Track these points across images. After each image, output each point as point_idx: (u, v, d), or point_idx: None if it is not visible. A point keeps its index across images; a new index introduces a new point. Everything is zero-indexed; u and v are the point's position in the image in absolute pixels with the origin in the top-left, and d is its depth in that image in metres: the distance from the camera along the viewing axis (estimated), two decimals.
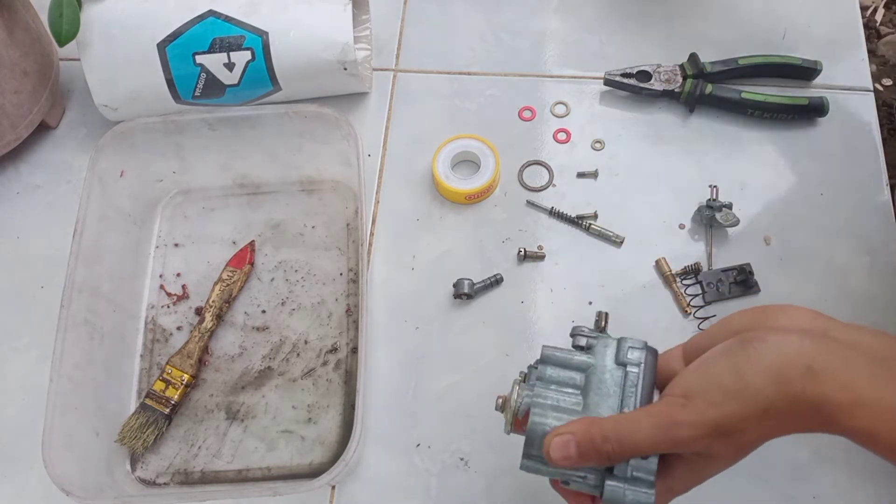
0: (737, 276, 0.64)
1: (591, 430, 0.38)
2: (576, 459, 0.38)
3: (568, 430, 0.38)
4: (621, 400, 0.41)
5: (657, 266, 0.65)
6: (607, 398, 0.41)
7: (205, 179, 0.70)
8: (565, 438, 0.38)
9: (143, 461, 0.60)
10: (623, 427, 0.37)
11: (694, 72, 0.72)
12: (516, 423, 0.44)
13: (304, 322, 0.65)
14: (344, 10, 0.67)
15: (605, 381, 0.41)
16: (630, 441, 0.37)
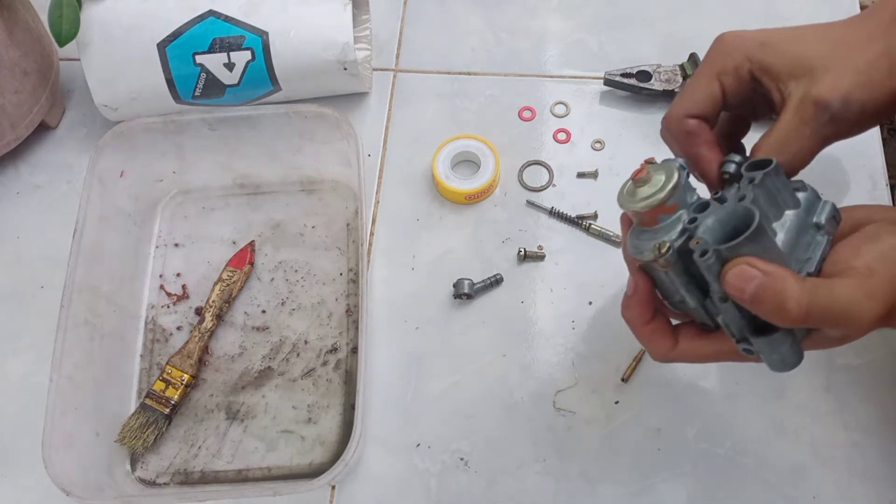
0: None
1: (785, 284, 0.34)
2: (747, 300, 0.34)
3: (764, 268, 0.34)
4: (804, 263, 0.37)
5: None
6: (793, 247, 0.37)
7: (205, 179, 0.70)
8: (752, 273, 0.34)
9: (143, 461, 0.60)
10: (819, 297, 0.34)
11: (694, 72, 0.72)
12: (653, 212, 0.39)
13: (304, 322, 0.65)
14: (344, 10, 0.67)
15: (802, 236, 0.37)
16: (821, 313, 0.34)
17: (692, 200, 0.39)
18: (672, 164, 0.39)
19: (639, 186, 0.40)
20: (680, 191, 0.38)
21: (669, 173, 0.39)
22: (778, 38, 0.40)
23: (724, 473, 0.58)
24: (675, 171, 0.39)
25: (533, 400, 0.61)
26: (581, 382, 0.61)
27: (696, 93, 0.41)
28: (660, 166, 0.40)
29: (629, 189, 0.41)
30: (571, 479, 0.58)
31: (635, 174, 0.40)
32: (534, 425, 0.60)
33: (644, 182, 0.39)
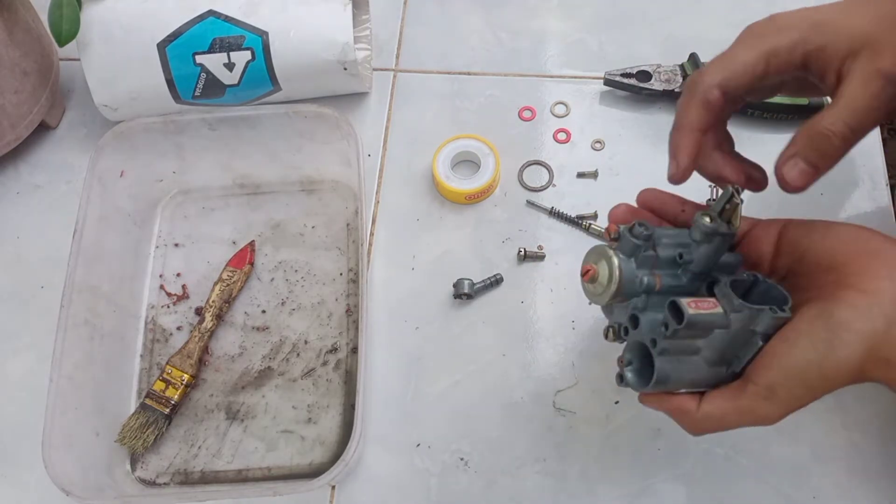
0: None
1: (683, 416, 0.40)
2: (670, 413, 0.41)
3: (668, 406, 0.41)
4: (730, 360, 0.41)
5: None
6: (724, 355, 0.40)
7: (205, 179, 0.70)
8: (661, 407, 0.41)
9: (143, 461, 0.60)
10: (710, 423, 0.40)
11: (694, 72, 0.72)
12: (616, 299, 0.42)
13: (304, 322, 0.65)
14: (344, 10, 0.67)
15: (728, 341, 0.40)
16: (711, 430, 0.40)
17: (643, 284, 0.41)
18: (611, 260, 0.41)
19: (589, 283, 0.43)
20: (623, 287, 0.41)
21: (611, 273, 0.41)
22: (830, 17, 0.40)
23: (724, 473, 0.58)
24: (615, 270, 0.41)
25: (533, 400, 0.61)
26: (581, 382, 0.61)
27: (738, 65, 0.41)
28: (601, 260, 0.42)
29: (583, 285, 0.44)
30: (571, 479, 0.58)
31: (583, 274, 0.43)
32: (534, 425, 0.60)
33: (592, 281, 0.43)
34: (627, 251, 0.41)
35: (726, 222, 0.41)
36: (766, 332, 0.39)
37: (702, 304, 0.39)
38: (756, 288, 0.41)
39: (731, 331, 0.39)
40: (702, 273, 0.42)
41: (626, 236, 0.41)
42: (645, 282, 0.41)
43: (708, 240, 0.41)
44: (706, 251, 0.41)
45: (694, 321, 0.38)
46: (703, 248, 0.41)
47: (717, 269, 0.42)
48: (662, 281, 0.41)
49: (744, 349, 0.40)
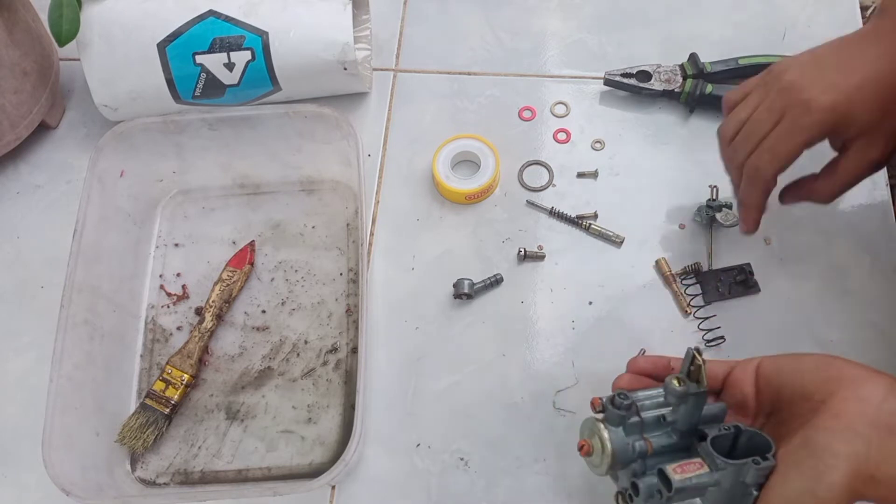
0: (737, 276, 0.64)
1: None
2: None
3: None
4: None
5: (657, 266, 0.65)
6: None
7: (205, 179, 0.70)
8: None
9: (143, 461, 0.60)
10: None
11: (694, 72, 0.71)
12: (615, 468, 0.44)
13: (304, 322, 0.65)
14: (344, 10, 0.67)
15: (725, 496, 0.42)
16: None
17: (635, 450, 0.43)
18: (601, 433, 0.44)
19: (587, 457, 0.45)
20: (617, 457, 0.43)
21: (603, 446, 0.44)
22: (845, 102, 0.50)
23: None
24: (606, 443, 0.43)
25: (533, 400, 0.61)
26: (581, 382, 0.61)
27: (785, 156, 0.52)
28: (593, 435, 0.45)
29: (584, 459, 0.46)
30: (571, 479, 0.58)
31: (579, 449, 0.45)
32: (534, 425, 0.60)
33: (589, 455, 0.45)
34: (614, 422, 0.44)
35: (695, 382, 0.43)
36: (756, 482, 0.41)
37: (688, 468, 0.41)
38: (740, 438, 0.44)
39: (724, 487, 0.41)
40: (689, 431, 0.44)
41: (609, 408, 0.44)
42: (637, 448, 0.43)
43: (683, 401, 0.43)
44: (686, 410, 0.44)
45: (682, 487, 0.41)
46: (681, 408, 0.44)
47: (703, 421, 0.44)
48: (654, 443, 0.43)
49: (743, 500, 0.42)
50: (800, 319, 0.63)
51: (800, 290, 0.64)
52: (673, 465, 0.41)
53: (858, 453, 0.38)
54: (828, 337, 0.62)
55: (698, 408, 0.44)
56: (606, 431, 0.43)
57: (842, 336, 0.62)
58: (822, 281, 0.64)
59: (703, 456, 0.42)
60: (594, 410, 0.45)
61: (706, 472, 0.41)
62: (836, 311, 0.63)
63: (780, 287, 0.64)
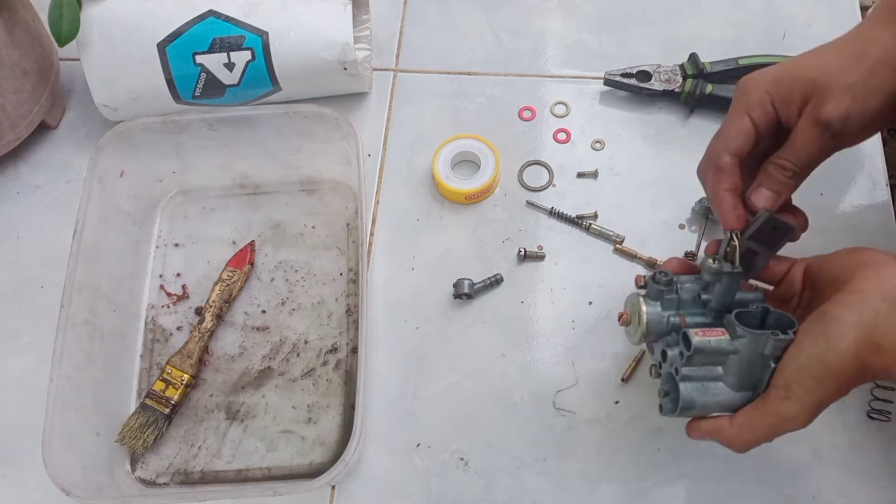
0: None
1: (720, 433, 0.45)
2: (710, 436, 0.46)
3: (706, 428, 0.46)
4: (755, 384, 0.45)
5: (657, 266, 0.65)
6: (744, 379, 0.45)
7: (205, 179, 0.70)
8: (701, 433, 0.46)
9: (143, 461, 0.60)
10: (746, 433, 0.44)
11: (694, 72, 0.71)
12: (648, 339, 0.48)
13: (304, 322, 0.65)
14: (344, 10, 0.67)
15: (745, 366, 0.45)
16: (751, 441, 0.44)
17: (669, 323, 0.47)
18: (639, 305, 0.48)
19: (624, 326, 0.50)
20: (651, 327, 0.47)
21: (639, 316, 0.47)
22: (787, 71, 0.46)
23: (724, 473, 0.58)
24: (643, 314, 0.47)
25: (533, 400, 0.61)
26: (581, 382, 0.61)
27: (731, 130, 0.47)
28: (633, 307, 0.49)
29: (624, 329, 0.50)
30: (571, 479, 0.58)
31: (619, 318, 0.49)
32: (534, 425, 0.60)
33: (626, 324, 0.49)
34: (654, 296, 0.48)
35: (730, 262, 0.47)
36: (774, 354, 0.44)
37: (709, 333, 0.44)
38: (768, 317, 0.46)
39: (743, 356, 0.44)
40: (723, 311, 0.47)
41: (650, 283, 0.48)
42: (671, 321, 0.47)
43: (717, 279, 0.47)
44: (719, 290, 0.47)
45: (701, 347, 0.44)
46: (716, 287, 0.47)
47: (737, 305, 0.47)
48: (687, 320, 0.47)
49: (762, 373, 0.44)
50: None
51: None
52: (696, 329, 0.44)
53: (865, 322, 0.40)
54: None
55: (732, 288, 0.47)
56: (645, 304, 0.47)
57: None
58: None
59: (726, 325, 0.45)
60: (637, 286, 0.49)
61: (726, 339, 0.44)
62: None
63: None
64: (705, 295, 0.47)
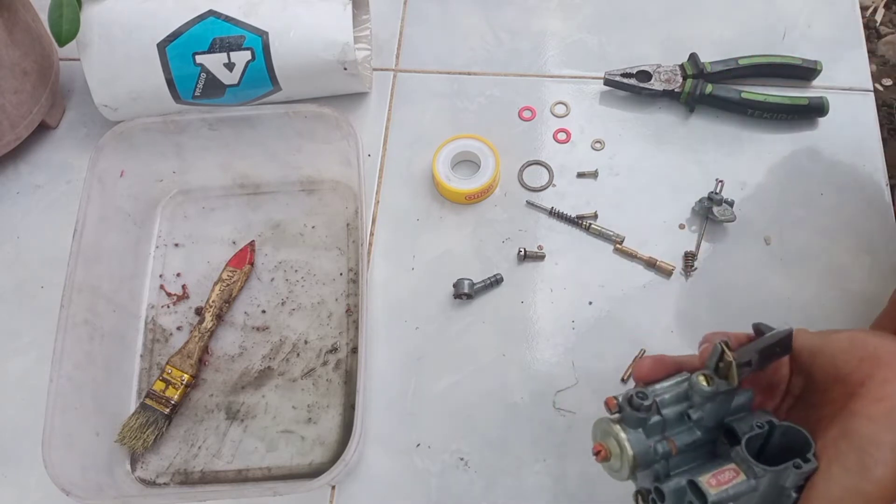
0: None
1: None
2: None
3: None
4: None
5: (657, 266, 0.65)
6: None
7: (205, 179, 0.70)
8: None
9: (143, 461, 0.60)
10: None
11: (694, 72, 0.72)
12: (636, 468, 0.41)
13: (304, 322, 0.65)
14: (344, 10, 0.67)
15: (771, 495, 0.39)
16: None
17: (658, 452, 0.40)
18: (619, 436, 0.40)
19: (604, 463, 0.42)
20: (640, 461, 0.40)
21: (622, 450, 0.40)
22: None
23: None
24: (626, 446, 0.40)
25: (533, 400, 0.61)
26: (581, 382, 0.61)
27: None
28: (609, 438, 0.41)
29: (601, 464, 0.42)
30: (571, 479, 0.58)
31: (595, 454, 0.41)
32: (534, 425, 0.60)
33: (606, 460, 0.41)
34: (633, 424, 0.40)
35: (723, 378, 0.40)
36: (796, 485, 0.38)
37: (722, 478, 0.38)
38: (774, 432, 0.40)
39: (761, 493, 0.38)
40: (714, 428, 0.41)
41: (627, 409, 0.40)
42: (660, 450, 0.40)
43: (711, 400, 0.40)
44: (712, 409, 0.40)
45: (718, 501, 0.37)
46: (707, 405, 0.40)
47: (729, 413, 0.41)
48: (678, 442, 0.40)
49: (779, 502, 0.39)
50: (800, 320, 0.63)
51: (800, 290, 0.64)
52: (705, 476, 0.38)
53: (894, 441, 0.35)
54: None
55: (727, 403, 0.41)
56: (624, 433, 0.40)
57: None
58: (822, 281, 0.65)
59: (738, 462, 0.39)
60: (609, 412, 0.41)
61: (743, 481, 0.38)
62: (836, 312, 0.63)
63: (780, 287, 0.64)
64: (694, 413, 0.40)
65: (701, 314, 0.64)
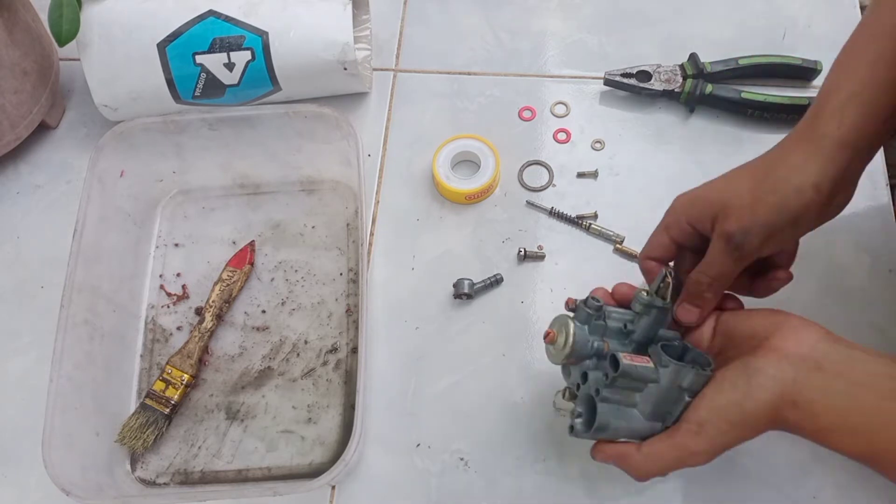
0: None
1: (626, 459, 0.47)
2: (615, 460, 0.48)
3: (612, 452, 0.48)
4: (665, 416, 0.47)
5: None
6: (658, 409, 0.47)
7: (205, 179, 0.70)
8: (606, 456, 0.48)
9: (143, 461, 0.60)
10: (651, 462, 0.46)
11: (694, 72, 0.71)
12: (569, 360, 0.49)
13: (304, 322, 0.65)
14: (344, 10, 0.67)
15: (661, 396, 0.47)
16: (654, 471, 0.46)
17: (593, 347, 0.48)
18: (568, 326, 0.48)
19: (550, 345, 0.49)
20: (576, 348, 0.48)
21: (566, 336, 0.48)
22: (700, 194, 0.50)
23: (724, 473, 0.58)
24: (570, 335, 0.48)
25: (533, 400, 0.61)
26: None
27: (653, 241, 0.52)
28: (561, 326, 0.49)
29: (546, 347, 0.50)
30: (571, 479, 0.58)
31: (545, 336, 0.49)
32: (534, 425, 0.60)
33: (552, 343, 0.49)
34: (582, 319, 0.48)
35: (661, 297, 0.49)
36: (691, 388, 0.46)
37: (636, 359, 0.46)
38: (686, 354, 0.49)
39: (662, 386, 0.46)
40: (644, 343, 0.49)
41: (580, 307, 0.49)
42: (595, 346, 0.48)
43: (646, 311, 0.49)
44: (646, 322, 0.49)
45: (627, 371, 0.45)
46: (643, 319, 0.49)
47: (657, 340, 0.49)
48: (610, 346, 0.48)
49: (675, 406, 0.46)
50: None
51: (800, 290, 0.64)
52: (623, 353, 0.46)
53: (786, 379, 0.43)
54: None
55: (658, 323, 0.49)
56: (573, 326, 0.48)
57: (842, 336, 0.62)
58: (822, 281, 0.64)
59: (651, 355, 0.47)
60: (567, 309, 0.50)
61: (651, 367, 0.46)
62: (836, 311, 0.63)
63: None
64: (631, 326, 0.49)
65: None
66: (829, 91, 0.48)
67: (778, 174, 0.47)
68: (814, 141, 0.47)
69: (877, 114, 0.46)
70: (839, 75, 0.49)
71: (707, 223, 0.49)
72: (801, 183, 0.46)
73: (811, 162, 0.46)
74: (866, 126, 0.46)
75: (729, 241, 0.47)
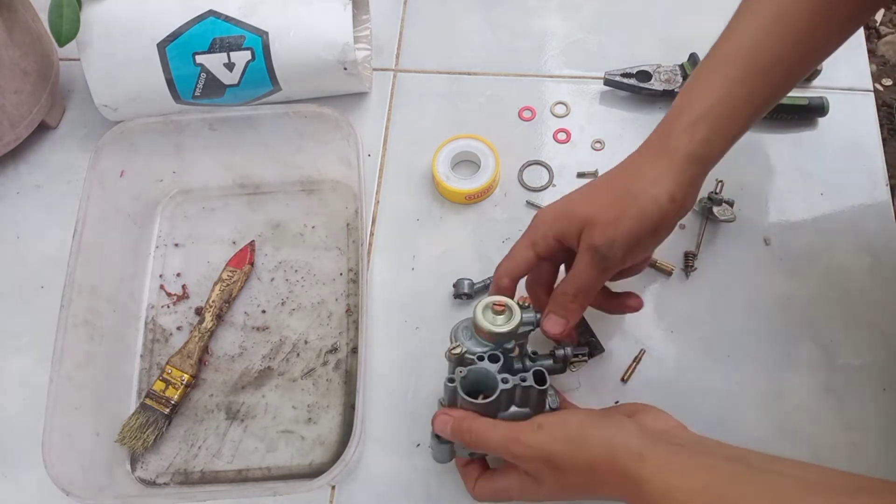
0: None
1: (462, 422, 0.48)
2: (448, 435, 0.50)
3: (451, 413, 0.49)
4: None
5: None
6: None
7: (205, 179, 0.70)
8: (446, 419, 0.49)
9: (143, 461, 0.60)
10: (482, 430, 0.48)
11: None
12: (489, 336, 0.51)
13: (304, 322, 0.65)
14: (344, 10, 0.67)
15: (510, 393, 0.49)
16: (483, 441, 0.48)
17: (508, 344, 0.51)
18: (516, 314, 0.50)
19: (496, 314, 0.50)
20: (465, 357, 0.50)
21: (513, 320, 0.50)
22: (565, 209, 0.52)
23: None
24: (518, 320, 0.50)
25: None
26: (581, 383, 0.61)
27: (518, 257, 0.54)
28: (512, 309, 0.51)
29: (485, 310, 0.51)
30: None
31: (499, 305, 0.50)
32: None
33: (499, 314, 0.50)
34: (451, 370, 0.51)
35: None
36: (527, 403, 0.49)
37: None
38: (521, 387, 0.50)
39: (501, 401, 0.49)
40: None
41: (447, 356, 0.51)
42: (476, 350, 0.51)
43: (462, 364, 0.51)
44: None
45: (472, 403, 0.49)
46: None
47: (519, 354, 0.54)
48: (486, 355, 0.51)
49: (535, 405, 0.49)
50: (800, 320, 0.63)
51: (800, 290, 0.64)
52: None
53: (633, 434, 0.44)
54: (828, 337, 0.62)
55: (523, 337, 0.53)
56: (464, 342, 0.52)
57: (842, 336, 0.62)
58: (822, 281, 0.64)
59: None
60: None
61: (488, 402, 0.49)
62: (836, 311, 0.63)
63: (779, 287, 0.64)
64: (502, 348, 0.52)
65: (701, 314, 0.64)
66: (682, 108, 0.50)
67: (637, 187, 0.49)
68: (666, 155, 0.50)
69: (725, 132, 0.50)
70: (692, 93, 0.51)
71: (573, 238, 0.51)
72: (658, 194, 0.49)
73: (666, 175, 0.49)
74: (715, 142, 0.50)
75: (595, 253, 0.49)
